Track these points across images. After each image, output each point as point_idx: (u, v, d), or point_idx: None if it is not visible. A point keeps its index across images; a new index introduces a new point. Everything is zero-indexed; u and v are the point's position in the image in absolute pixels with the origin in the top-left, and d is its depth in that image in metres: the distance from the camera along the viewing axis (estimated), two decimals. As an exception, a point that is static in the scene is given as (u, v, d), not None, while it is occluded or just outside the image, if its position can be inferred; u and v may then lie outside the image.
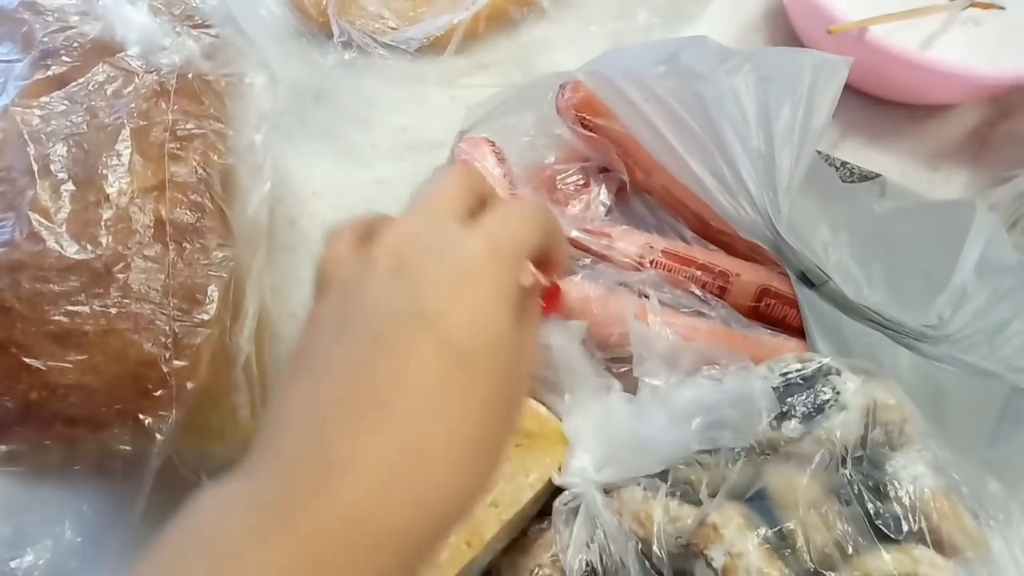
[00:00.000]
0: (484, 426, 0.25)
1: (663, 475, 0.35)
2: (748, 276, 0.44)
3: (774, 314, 0.44)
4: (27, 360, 0.30)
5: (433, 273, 0.26)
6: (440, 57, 0.57)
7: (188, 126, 0.34)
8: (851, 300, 0.37)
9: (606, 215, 0.49)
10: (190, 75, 0.35)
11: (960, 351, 0.37)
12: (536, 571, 0.35)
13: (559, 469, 0.37)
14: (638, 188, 0.49)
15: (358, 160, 0.58)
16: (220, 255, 0.34)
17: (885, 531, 0.30)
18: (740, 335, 0.43)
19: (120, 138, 0.32)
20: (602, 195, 0.49)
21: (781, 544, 0.30)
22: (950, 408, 0.38)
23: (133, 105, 0.33)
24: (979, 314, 0.37)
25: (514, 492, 0.37)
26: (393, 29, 0.55)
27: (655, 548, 0.32)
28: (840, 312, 0.39)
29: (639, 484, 0.34)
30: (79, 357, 0.31)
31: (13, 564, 0.30)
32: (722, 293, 0.44)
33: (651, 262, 0.44)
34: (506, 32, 0.60)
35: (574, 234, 0.44)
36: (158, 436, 0.31)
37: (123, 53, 0.34)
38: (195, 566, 0.21)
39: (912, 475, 0.31)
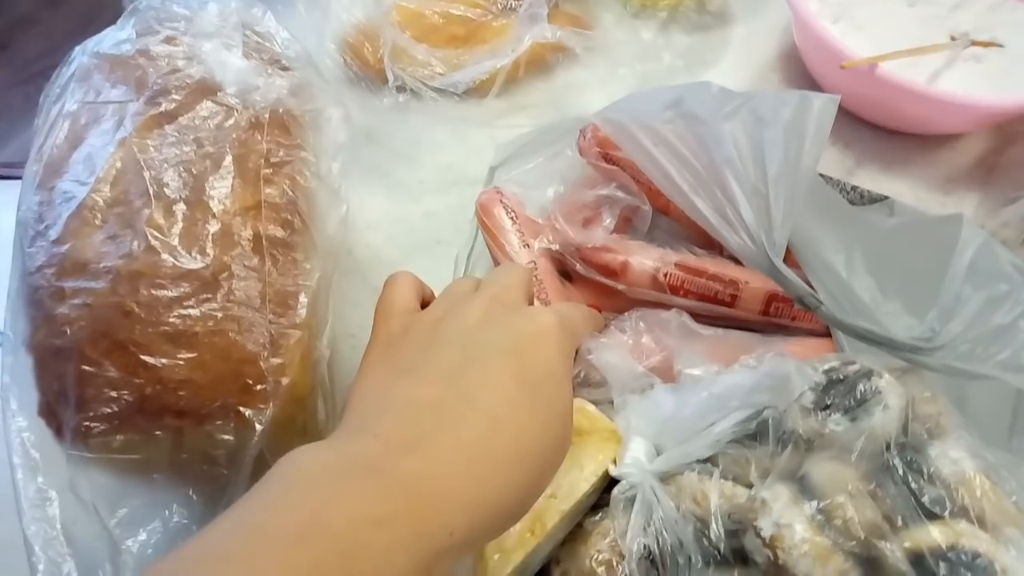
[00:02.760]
0: (540, 440, 0.30)
1: (714, 460, 0.37)
2: (757, 284, 0.47)
3: (784, 318, 0.47)
4: (144, 358, 0.33)
5: (516, 326, 0.32)
6: (483, 100, 0.62)
7: (280, 154, 0.38)
8: (844, 321, 0.40)
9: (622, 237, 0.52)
10: (280, 110, 0.39)
11: (956, 359, 0.38)
12: (596, 556, 0.38)
13: (614, 462, 0.39)
14: (659, 210, 0.52)
15: (407, 195, 0.62)
16: (308, 266, 0.37)
17: (929, 508, 0.32)
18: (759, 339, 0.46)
19: (223, 164, 0.36)
20: (619, 220, 0.52)
21: (827, 519, 0.33)
22: (970, 407, 0.40)
23: (234, 136, 0.37)
24: (974, 322, 0.39)
25: (570, 485, 0.39)
26: (441, 75, 0.60)
27: (712, 525, 0.34)
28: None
29: (694, 470, 0.37)
30: (189, 355, 0.34)
31: (128, 542, 0.33)
32: (733, 301, 0.47)
33: (665, 275, 0.47)
34: (543, 76, 0.64)
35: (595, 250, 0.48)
36: (258, 426, 0.34)
37: (223, 92, 0.38)
38: (307, 504, 0.24)
39: (952, 458, 0.33)
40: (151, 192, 0.35)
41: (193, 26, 0.39)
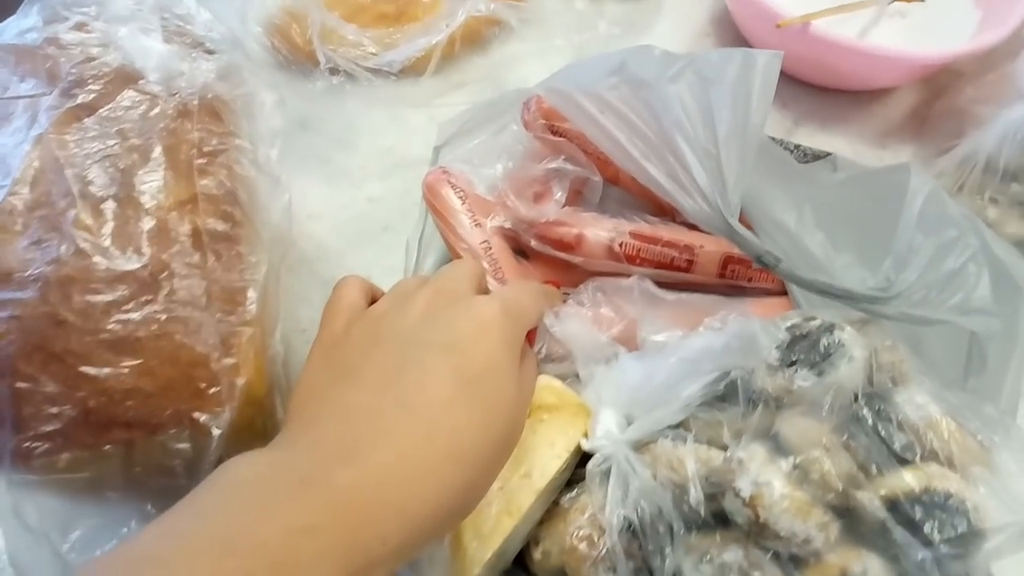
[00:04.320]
0: (479, 438, 0.29)
1: (686, 425, 0.37)
2: (712, 247, 0.46)
3: (740, 279, 0.47)
4: (84, 369, 0.31)
5: (456, 319, 0.31)
6: (420, 79, 0.60)
7: (213, 143, 0.36)
8: (802, 277, 0.40)
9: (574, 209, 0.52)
10: (209, 96, 0.36)
11: (912, 307, 0.39)
12: (576, 532, 0.37)
13: (586, 436, 0.39)
14: (609, 181, 0.51)
15: (348, 181, 0.60)
16: (253, 259, 0.35)
17: (900, 454, 0.33)
18: (721, 301, 0.46)
19: (152, 157, 0.34)
20: (569, 193, 0.51)
21: (804, 474, 0.33)
22: (927, 353, 0.41)
23: (161, 126, 0.34)
24: (926, 269, 0.40)
25: (543, 463, 0.38)
26: (374, 55, 0.57)
27: (691, 491, 0.34)
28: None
29: (667, 436, 0.36)
30: (134, 362, 0.31)
31: (84, 568, 0.30)
32: (689, 266, 0.47)
33: (621, 244, 0.47)
34: (479, 51, 0.63)
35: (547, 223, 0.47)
36: (215, 432, 0.32)
37: (144, 80, 0.35)
38: (237, 513, 0.24)
39: (918, 404, 0.34)
40: (75, 191, 0.32)
41: (105, 10, 0.36)
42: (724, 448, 0.35)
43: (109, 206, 0.33)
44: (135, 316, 0.32)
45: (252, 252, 0.36)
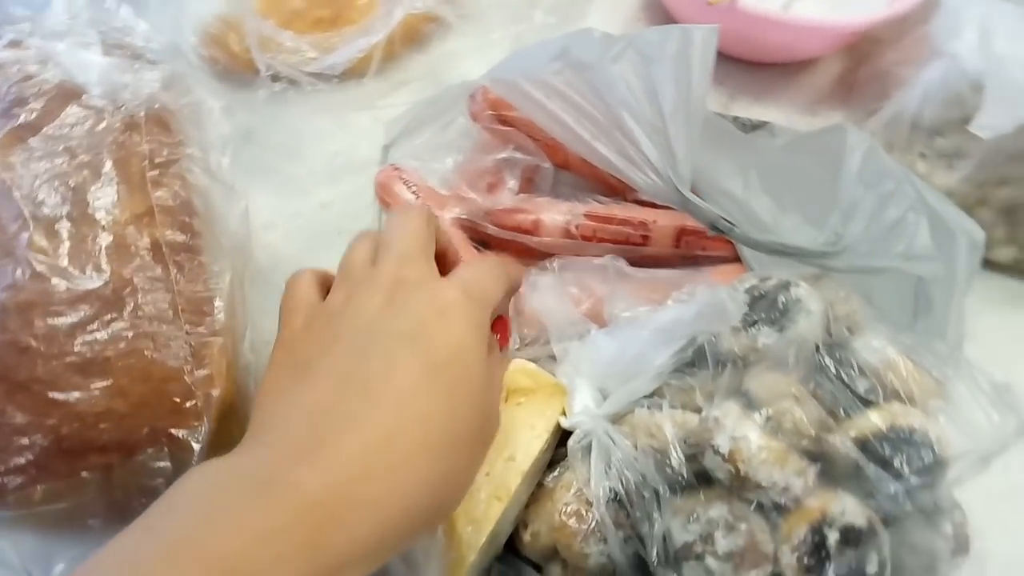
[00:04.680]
0: (452, 422, 0.28)
1: (660, 394, 0.38)
2: (665, 221, 0.47)
3: (696, 250, 0.48)
4: (53, 395, 0.30)
5: (418, 307, 0.30)
6: (362, 80, 0.60)
7: (164, 153, 0.35)
8: (756, 239, 0.42)
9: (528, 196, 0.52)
10: (156, 106, 0.36)
11: (860, 258, 0.41)
12: (564, 509, 0.37)
13: (564, 414, 0.39)
14: (559, 166, 0.52)
15: (298, 189, 0.59)
16: (216, 268, 0.35)
17: (864, 396, 0.34)
18: (687, 274, 0.47)
19: (103, 172, 0.33)
20: (521, 181, 0.52)
21: (778, 425, 0.34)
22: (877, 301, 0.43)
23: (109, 140, 0.33)
24: (870, 221, 0.42)
25: (526, 445, 0.39)
26: (314, 59, 0.57)
27: (672, 454, 0.35)
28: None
29: (643, 406, 0.37)
30: (104, 383, 0.31)
31: (71, 598, 0.30)
32: (645, 241, 0.48)
33: (577, 226, 0.48)
34: (419, 48, 0.63)
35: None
36: (195, 446, 0.31)
37: (87, 94, 0.35)
38: (185, 524, 0.23)
39: (875, 348, 0.35)
40: (26, 213, 0.31)
41: (40, 27, 0.35)
42: (698, 411, 0.36)
43: (63, 226, 0.32)
44: (101, 336, 0.31)
45: (214, 261, 0.35)
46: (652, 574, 0.33)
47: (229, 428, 0.36)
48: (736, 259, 0.47)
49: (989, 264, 0.50)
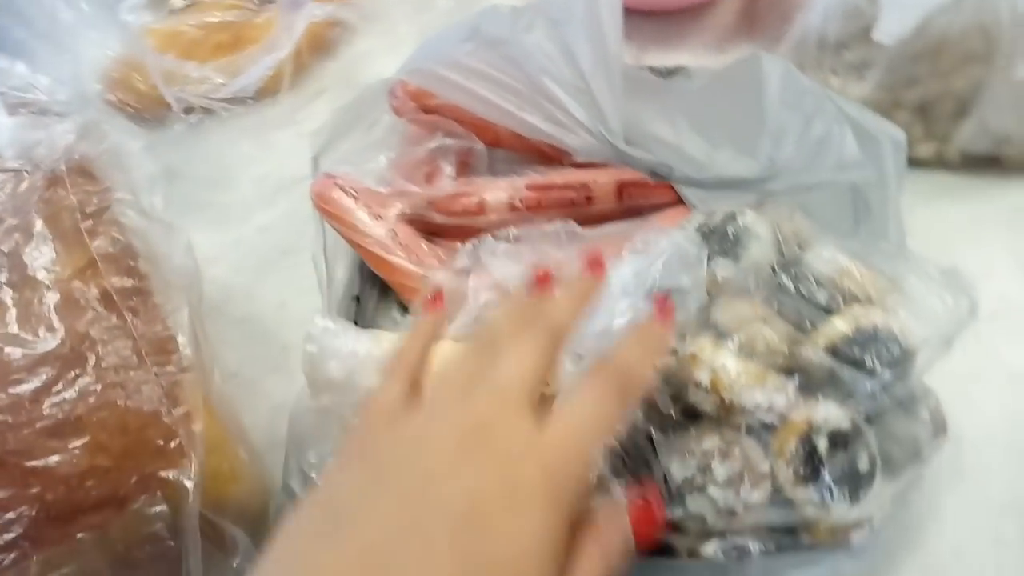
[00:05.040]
0: None
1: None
2: (604, 178, 0.48)
3: (639, 200, 0.49)
4: (31, 464, 0.29)
5: (485, 477, 0.24)
6: (277, 98, 0.59)
7: (94, 202, 0.34)
8: (695, 178, 0.43)
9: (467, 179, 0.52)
10: (75, 157, 0.35)
11: (794, 177, 0.42)
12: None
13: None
14: (492, 145, 0.52)
15: (234, 218, 0.58)
16: (171, 306, 0.34)
17: (826, 306, 0.36)
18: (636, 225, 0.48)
19: (35, 232, 0.32)
20: (457, 166, 0.52)
21: (751, 348, 0.35)
22: (818, 216, 0.44)
23: (34, 199, 0.32)
24: (799, 140, 0.43)
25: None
26: (224, 85, 0.56)
27: (657, 396, 0.36)
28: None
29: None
30: (81, 441, 0.30)
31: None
32: (589, 202, 0.48)
33: (521, 200, 0.48)
34: (329, 56, 0.62)
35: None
36: (188, 484, 0.31)
37: (1, 159, 0.34)
38: None
39: (827, 258, 0.37)
40: (-37, 288, 0.30)
41: (-63, 98, 0.34)
42: (674, 352, 0.37)
43: (6, 293, 0.31)
44: (69, 394, 0.30)
45: (167, 300, 0.35)
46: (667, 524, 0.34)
47: (218, 463, 0.35)
48: (679, 202, 0.48)
49: (914, 162, 0.52)
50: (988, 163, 0.52)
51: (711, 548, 0.33)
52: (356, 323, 0.47)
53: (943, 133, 0.52)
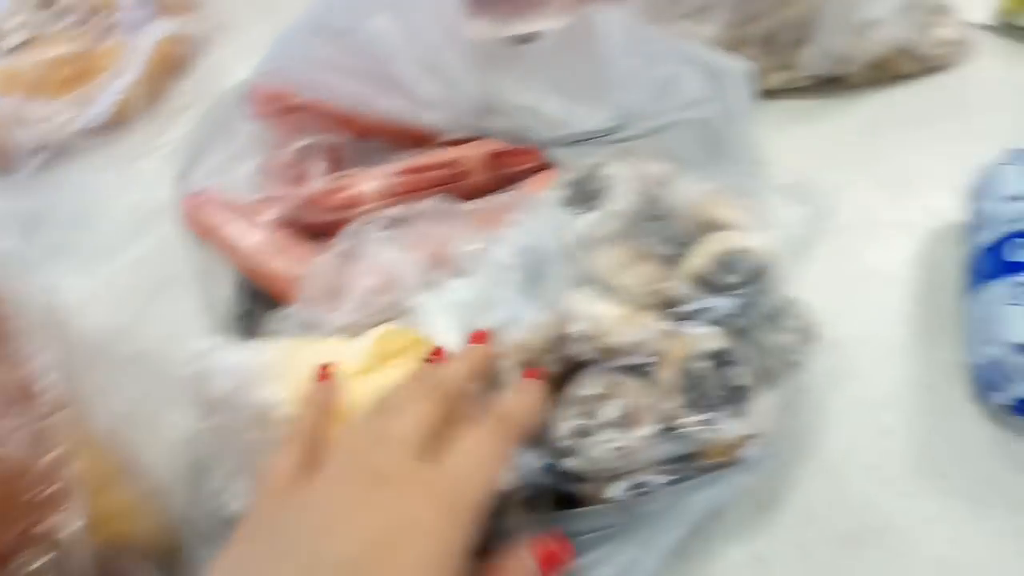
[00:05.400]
0: None
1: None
2: (473, 152, 0.48)
3: (512, 168, 0.49)
4: None
5: (379, 518, 0.25)
6: (134, 125, 0.57)
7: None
8: (555, 138, 0.43)
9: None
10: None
11: (648, 121, 0.43)
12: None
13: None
14: (360, 136, 0.51)
15: (108, 253, 0.56)
16: (35, 348, 0.33)
17: (691, 239, 0.37)
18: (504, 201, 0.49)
19: None
20: (328, 163, 0.51)
21: (625, 294, 0.36)
22: (677, 154, 0.45)
23: None
24: (646, 85, 0.44)
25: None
26: (75, 117, 0.54)
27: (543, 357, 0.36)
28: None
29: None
30: (-51, 503, 0.29)
31: None
32: (464, 176, 0.48)
33: (395, 186, 0.48)
34: (184, 72, 0.60)
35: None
36: (74, 526, 0.30)
37: None
38: None
39: (684, 194, 0.38)
40: None
41: None
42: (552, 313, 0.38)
43: None
44: (-73, 458, 0.28)
45: (30, 342, 0.33)
46: (568, 476, 0.34)
47: (111, 500, 0.34)
48: (549, 165, 0.49)
49: (768, 93, 0.54)
50: (835, 84, 0.55)
51: (615, 490, 0.34)
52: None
53: (789, 62, 0.54)
